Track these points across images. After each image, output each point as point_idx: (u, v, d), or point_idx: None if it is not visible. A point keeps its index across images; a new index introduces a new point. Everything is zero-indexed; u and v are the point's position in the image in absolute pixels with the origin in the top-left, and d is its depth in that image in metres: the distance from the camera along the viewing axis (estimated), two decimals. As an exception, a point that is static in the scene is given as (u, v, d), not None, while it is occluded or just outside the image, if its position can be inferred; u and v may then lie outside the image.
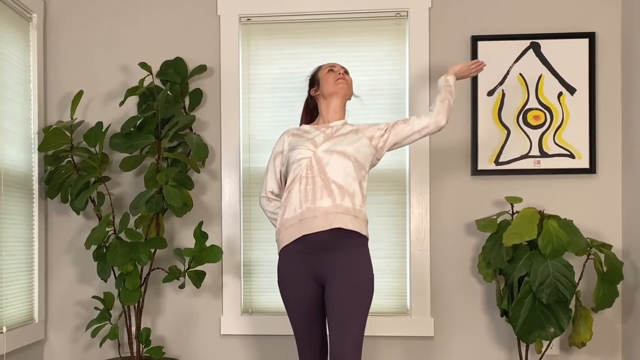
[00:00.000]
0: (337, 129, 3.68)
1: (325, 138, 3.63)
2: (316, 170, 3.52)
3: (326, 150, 3.56)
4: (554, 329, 3.90)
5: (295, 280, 3.55)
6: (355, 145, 3.57)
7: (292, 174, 3.58)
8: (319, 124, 3.76)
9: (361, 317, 3.45)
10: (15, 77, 4.19)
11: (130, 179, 4.50)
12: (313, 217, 3.47)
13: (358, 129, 3.69)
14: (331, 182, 3.49)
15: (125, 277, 4.09)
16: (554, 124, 4.30)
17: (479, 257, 4.20)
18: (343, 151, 3.54)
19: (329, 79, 3.75)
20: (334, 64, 3.83)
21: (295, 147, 3.64)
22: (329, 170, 3.51)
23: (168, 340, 4.50)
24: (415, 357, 4.38)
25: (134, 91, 4.26)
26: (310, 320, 3.59)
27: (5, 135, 4.02)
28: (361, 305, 3.45)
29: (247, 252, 4.48)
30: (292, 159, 3.61)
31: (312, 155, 3.56)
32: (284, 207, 3.57)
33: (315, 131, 3.70)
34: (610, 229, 4.28)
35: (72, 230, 4.54)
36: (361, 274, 3.48)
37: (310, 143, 3.62)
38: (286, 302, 3.62)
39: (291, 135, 3.75)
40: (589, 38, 4.29)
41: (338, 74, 3.76)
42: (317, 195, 3.48)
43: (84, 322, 4.48)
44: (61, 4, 4.57)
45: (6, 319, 4.03)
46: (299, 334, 3.62)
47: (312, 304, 3.57)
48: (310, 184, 3.51)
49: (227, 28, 4.46)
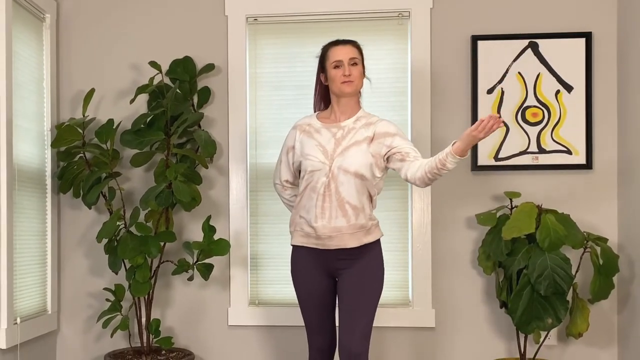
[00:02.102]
0: (349, 130, 3.58)
1: (336, 144, 3.54)
2: (332, 188, 3.48)
3: (339, 168, 3.48)
4: (552, 320, 3.91)
5: (309, 272, 3.59)
6: (360, 161, 3.49)
7: (306, 181, 3.55)
8: (330, 120, 3.65)
9: (370, 310, 3.49)
10: (29, 75, 4.20)
11: (140, 175, 4.51)
12: (329, 237, 3.51)
13: (369, 125, 3.57)
14: (345, 202, 3.47)
15: (135, 270, 4.10)
16: (551, 121, 4.31)
17: (479, 250, 4.22)
18: (356, 172, 3.47)
19: (336, 77, 3.57)
20: (340, 54, 3.58)
21: (307, 155, 3.56)
22: (343, 191, 3.48)
23: (177, 331, 4.51)
24: (417, 347, 4.39)
25: (144, 89, 4.27)
26: (321, 310, 3.62)
27: (19, 132, 4.03)
28: (371, 299, 3.50)
29: (253, 245, 4.49)
30: (304, 167, 3.56)
31: (328, 172, 3.49)
32: (299, 208, 3.58)
33: (326, 132, 3.60)
34: (606, 223, 4.29)
35: (84, 224, 4.55)
36: (374, 270, 3.54)
37: (321, 152, 3.54)
38: (298, 292, 3.65)
39: (302, 132, 3.65)
40: (586, 38, 4.29)
41: (345, 73, 3.55)
42: (332, 214, 3.48)
43: (96, 313, 4.49)
44: (73, 5, 4.57)
45: (20, 310, 4.04)
46: (310, 323, 3.64)
47: (324, 294, 3.60)
48: (327, 201, 3.48)
49: (235, 28, 4.46)
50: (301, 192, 3.59)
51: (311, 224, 3.51)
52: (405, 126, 4.38)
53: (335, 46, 3.62)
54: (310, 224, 3.51)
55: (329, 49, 3.64)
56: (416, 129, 4.35)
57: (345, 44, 3.61)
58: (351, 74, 3.56)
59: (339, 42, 3.64)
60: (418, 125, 4.35)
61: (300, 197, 3.59)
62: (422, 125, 4.35)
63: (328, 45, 3.67)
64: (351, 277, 3.51)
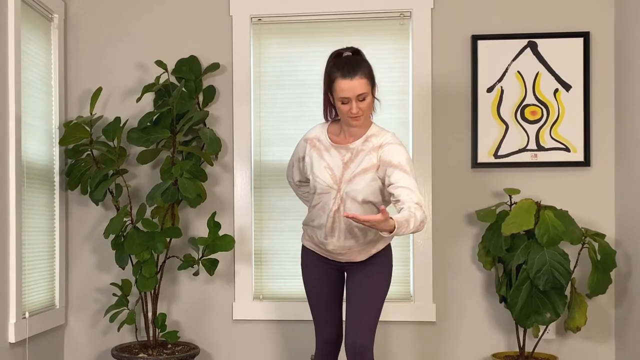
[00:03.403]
0: (357, 153, 3.40)
1: (344, 167, 3.40)
2: (341, 212, 3.42)
3: (347, 194, 3.38)
4: (550, 315, 3.91)
5: (318, 266, 3.60)
6: (367, 190, 3.37)
7: (316, 200, 3.49)
8: (339, 139, 3.46)
9: (377, 305, 3.50)
10: (38, 74, 4.20)
11: (146, 172, 4.52)
12: (339, 253, 3.51)
13: (376, 149, 3.38)
14: (354, 226, 3.43)
15: (142, 265, 4.11)
16: (550, 119, 4.31)
17: (479, 246, 4.22)
18: (363, 200, 3.37)
19: (343, 111, 3.33)
20: (348, 90, 3.27)
21: (316, 177, 3.45)
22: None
23: (183, 325, 4.51)
24: (418, 341, 4.40)
25: (150, 88, 4.28)
26: (329, 302, 3.62)
27: (28, 129, 4.04)
28: (379, 295, 3.51)
29: (257, 241, 4.49)
30: (314, 186, 3.48)
31: (336, 196, 3.41)
32: (311, 219, 3.55)
33: (335, 153, 3.44)
34: (603, 219, 4.29)
35: (92, 221, 4.56)
36: (383, 267, 3.55)
37: (330, 176, 3.41)
38: (307, 284, 3.65)
39: (312, 148, 3.51)
40: (584, 37, 4.29)
41: (352, 111, 3.29)
42: (341, 236, 3.46)
43: (103, 307, 4.50)
44: (81, 5, 4.58)
45: (29, 304, 4.04)
46: (317, 314, 3.64)
47: (332, 287, 3.61)
48: (337, 223, 3.43)
49: (239, 28, 4.47)
50: (312, 206, 3.53)
51: (321, 239, 3.51)
52: (406, 124, 4.39)
53: (343, 79, 3.28)
54: (321, 240, 3.51)
55: (336, 79, 3.31)
56: (417, 127, 4.36)
57: (354, 77, 3.27)
58: (359, 109, 3.31)
59: (347, 72, 3.29)
60: (419, 122, 4.36)
61: (312, 210, 3.54)
62: (423, 123, 4.36)
63: (336, 71, 3.33)
64: (360, 273, 3.52)
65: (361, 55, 3.44)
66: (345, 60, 3.36)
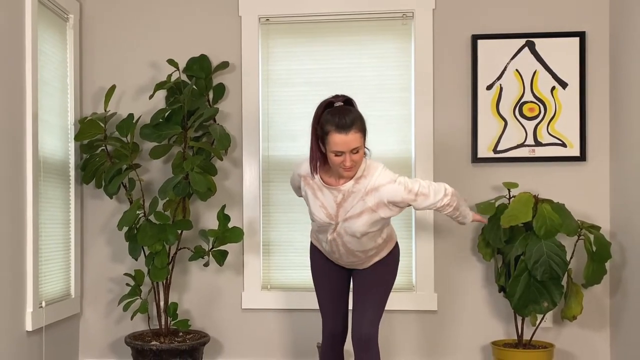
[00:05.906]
0: (348, 194, 3.28)
1: (338, 207, 3.31)
2: (339, 241, 3.39)
3: (345, 230, 3.33)
4: (548, 304, 3.91)
5: (325, 260, 3.60)
6: (365, 228, 3.30)
7: (315, 226, 3.47)
8: (330, 181, 3.31)
9: (383, 298, 3.51)
10: (54, 72, 4.20)
11: (159, 166, 4.52)
12: (344, 263, 3.53)
13: (370, 193, 3.26)
14: (355, 251, 3.43)
15: (154, 256, 4.11)
16: (547, 115, 4.31)
17: (479, 237, 4.22)
18: (362, 233, 3.31)
19: (336, 162, 3.19)
20: (342, 145, 3.12)
21: (312, 213, 3.39)
22: (351, 245, 3.40)
23: (193, 314, 4.52)
24: (420, 329, 4.40)
25: (162, 85, 4.27)
26: (336, 295, 3.62)
27: (44, 126, 4.04)
28: (384, 289, 3.52)
29: (266, 233, 4.50)
30: (311, 217, 3.44)
31: (334, 230, 3.36)
32: (315, 229, 3.53)
33: (328, 193, 3.32)
34: (599, 211, 4.29)
35: (106, 213, 4.56)
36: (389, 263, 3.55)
37: (325, 215, 3.34)
38: (315, 276, 3.64)
39: (306, 185, 3.39)
40: (580, 37, 4.29)
41: (345, 163, 3.16)
42: (342, 257, 3.47)
43: (116, 297, 4.50)
44: (96, 6, 4.58)
45: (45, 294, 4.05)
46: (324, 306, 3.63)
47: (339, 280, 3.61)
48: (336, 247, 3.42)
49: (248, 28, 4.47)
50: (313, 229, 3.55)
51: (326, 250, 3.52)
52: (409, 120, 4.40)
53: (338, 134, 3.12)
54: (325, 250, 3.52)
55: (329, 132, 3.14)
56: (419, 123, 4.36)
57: (348, 132, 3.11)
58: (353, 162, 3.17)
59: (342, 127, 3.12)
60: (421, 119, 4.36)
61: (313, 225, 3.52)
62: (424, 119, 4.36)
63: (330, 124, 3.15)
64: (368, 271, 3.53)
65: (353, 105, 3.27)
66: (338, 112, 3.17)
